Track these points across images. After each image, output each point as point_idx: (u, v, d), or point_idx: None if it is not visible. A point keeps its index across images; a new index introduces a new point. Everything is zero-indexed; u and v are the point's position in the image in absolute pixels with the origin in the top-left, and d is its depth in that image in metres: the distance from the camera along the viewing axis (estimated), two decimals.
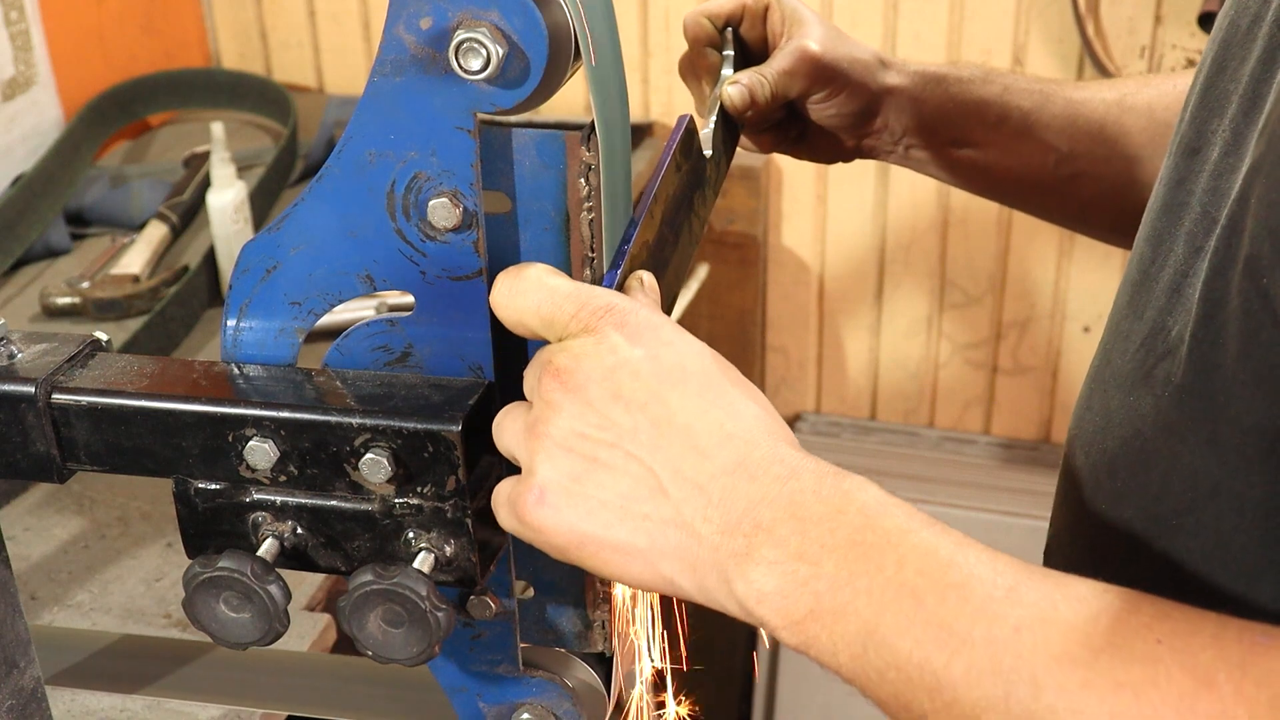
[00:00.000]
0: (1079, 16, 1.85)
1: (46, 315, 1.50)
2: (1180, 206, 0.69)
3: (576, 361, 0.59)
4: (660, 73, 2.04)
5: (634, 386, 0.59)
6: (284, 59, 2.19)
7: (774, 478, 0.57)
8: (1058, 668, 0.50)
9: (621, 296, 0.61)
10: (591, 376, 0.59)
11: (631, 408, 0.58)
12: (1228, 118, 0.66)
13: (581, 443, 0.59)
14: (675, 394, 0.59)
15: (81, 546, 1.15)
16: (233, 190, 1.55)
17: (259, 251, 0.66)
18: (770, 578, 0.56)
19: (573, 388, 0.59)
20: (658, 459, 0.58)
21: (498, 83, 0.59)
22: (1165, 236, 0.69)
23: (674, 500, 0.58)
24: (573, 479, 0.59)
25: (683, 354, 0.60)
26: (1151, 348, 0.67)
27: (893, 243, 2.08)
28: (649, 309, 0.61)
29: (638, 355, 0.59)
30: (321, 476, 0.64)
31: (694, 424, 0.58)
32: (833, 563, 0.55)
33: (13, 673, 0.72)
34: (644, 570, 0.59)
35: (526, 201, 0.66)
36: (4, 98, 1.73)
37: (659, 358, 0.59)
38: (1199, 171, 0.68)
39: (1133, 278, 0.72)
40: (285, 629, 0.66)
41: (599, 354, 0.59)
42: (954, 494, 2.05)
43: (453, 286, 0.64)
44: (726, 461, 0.58)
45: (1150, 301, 0.69)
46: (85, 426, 0.66)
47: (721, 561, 0.57)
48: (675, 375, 0.59)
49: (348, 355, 0.67)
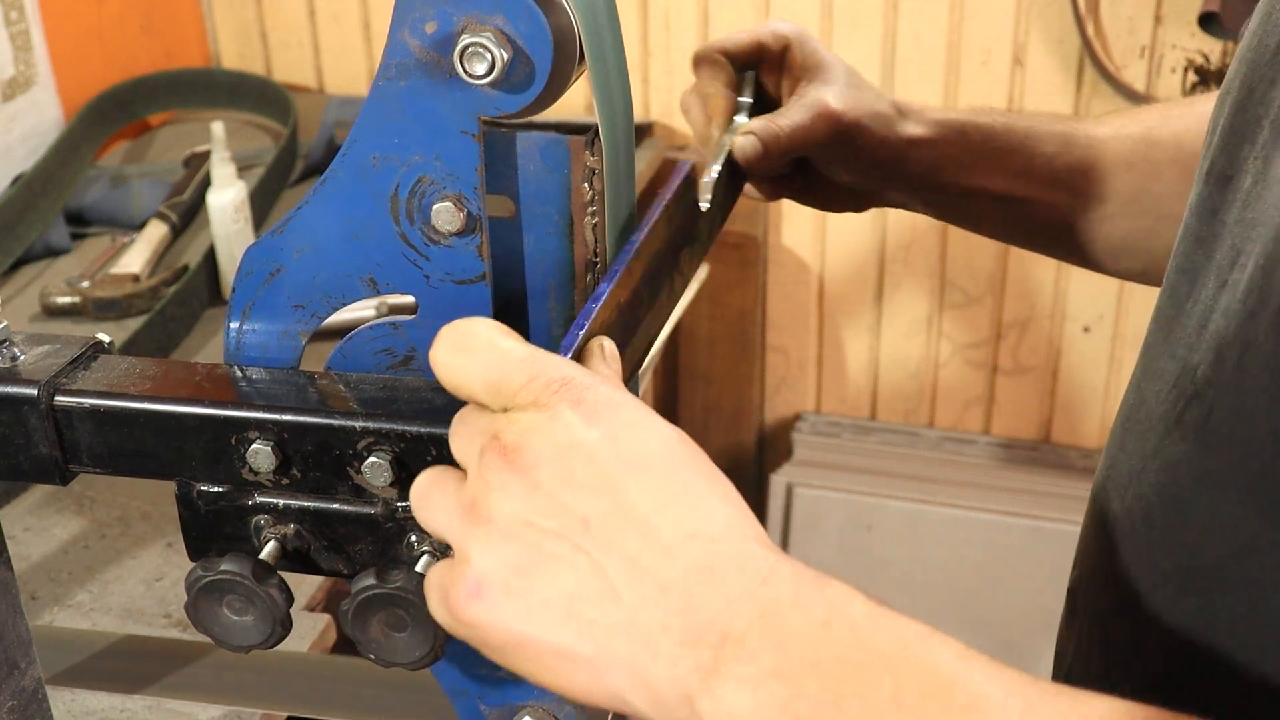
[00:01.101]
0: (1079, 16, 1.85)
1: (46, 315, 1.50)
2: (1213, 238, 0.65)
3: (525, 438, 0.52)
4: (660, 73, 2.04)
5: (588, 472, 0.51)
6: (284, 59, 2.19)
7: (746, 583, 0.50)
8: None
9: (579, 369, 0.54)
10: (542, 456, 0.52)
11: (584, 495, 0.51)
12: (1259, 144, 0.63)
13: (526, 531, 0.52)
14: (635, 483, 0.51)
15: (82, 546, 1.15)
16: (233, 190, 1.55)
17: (262, 254, 0.66)
18: (742, 696, 0.49)
19: (520, 468, 0.52)
20: (611, 556, 0.51)
21: (502, 87, 0.59)
22: (1199, 269, 0.66)
23: (627, 604, 0.50)
24: (514, 572, 0.52)
25: (645, 438, 0.53)
26: (1182, 389, 0.64)
27: (893, 243, 2.08)
28: (609, 384, 0.54)
29: (594, 437, 0.52)
30: (324, 479, 0.64)
31: (654, 518, 0.51)
32: (816, 683, 0.48)
33: (14, 673, 0.72)
34: (590, 682, 0.51)
35: (530, 205, 0.66)
36: (4, 98, 1.73)
37: (618, 440, 0.52)
38: (1231, 202, 0.64)
39: (1166, 312, 0.68)
40: (288, 632, 0.66)
41: (551, 431, 0.52)
42: (954, 494, 2.05)
43: (456, 290, 0.64)
44: (690, 562, 0.50)
45: (1182, 338, 0.65)
46: (88, 429, 0.66)
47: (682, 677, 0.49)
48: (636, 461, 0.52)
49: (350, 358, 0.67)
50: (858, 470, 2.12)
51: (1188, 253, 0.68)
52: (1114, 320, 2.03)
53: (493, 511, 0.52)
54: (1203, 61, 1.87)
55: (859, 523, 2.07)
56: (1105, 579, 0.70)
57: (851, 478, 2.10)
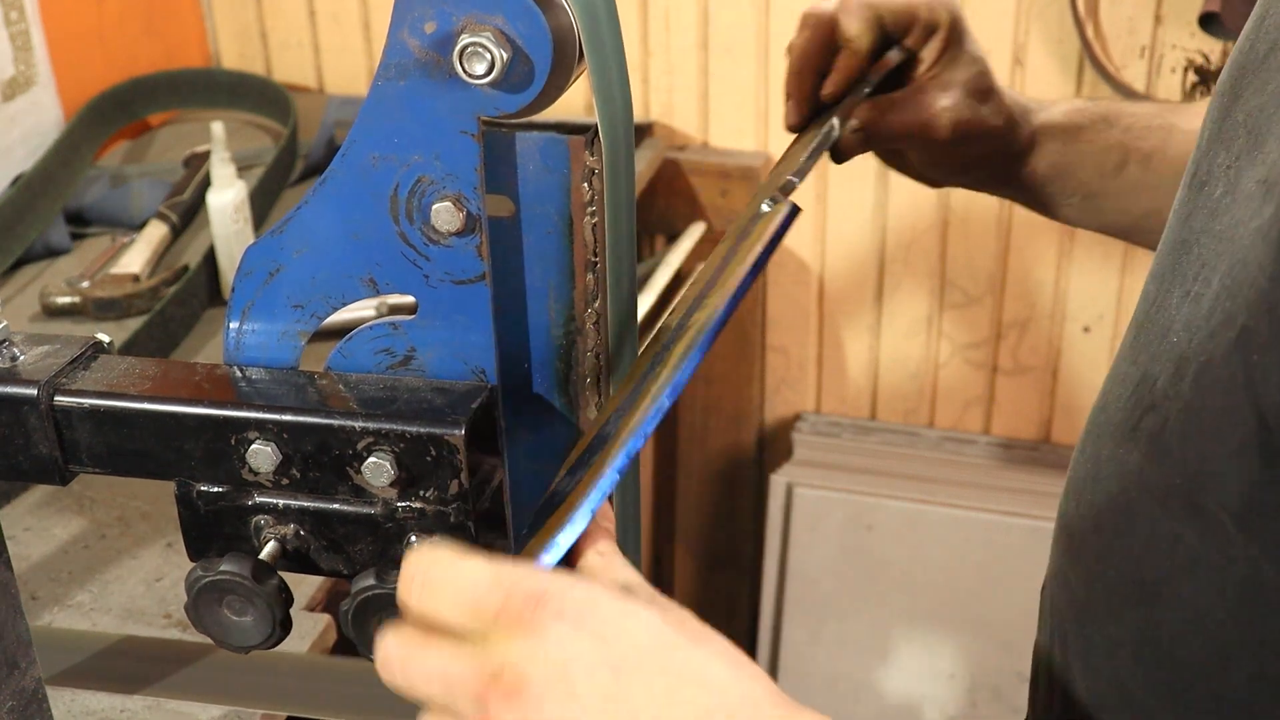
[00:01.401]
0: (1078, 17, 1.85)
1: (46, 315, 1.49)
2: (1184, 245, 0.65)
3: (524, 668, 0.52)
4: (660, 73, 2.04)
5: (590, 686, 0.52)
6: (284, 59, 2.19)
7: None
8: None
9: (548, 577, 0.54)
10: (546, 684, 0.52)
11: (590, 712, 0.52)
12: (1234, 152, 0.63)
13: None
14: (638, 685, 0.52)
15: (81, 546, 1.15)
16: (233, 190, 1.55)
17: (262, 254, 0.66)
18: None
19: (528, 701, 0.52)
20: None
21: (502, 87, 0.59)
22: (1167, 275, 0.66)
23: None
24: None
25: (631, 630, 0.53)
26: (1140, 398, 0.64)
27: (893, 243, 2.08)
28: (581, 585, 0.54)
29: (586, 648, 0.52)
30: (324, 480, 0.64)
31: (664, 715, 0.52)
32: None
33: (14, 673, 0.72)
34: None
35: (530, 205, 0.66)
36: (4, 98, 1.73)
37: (607, 642, 0.52)
38: (1202, 208, 0.65)
39: (1138, 317, 0.68)
40: (288, 632, 0.66)
41: (545, 655, 0.52)
42: (954, 494, 2.05)
43: (456, 290, 0.64)
44: None
45: (1146, 345, 0.66)
46: (88, 429, 0.66)
47: None
48: (631, 660, 0.52)
49: (350, 358, 0.67)
50: (858, 470, 2.12)
51: (1162, 258, 0.68)
52: (1114, 320, 2.02)
53: None
54: (1203, 62, 1.87)
55: (859, 523, 2.07)
56: (1064, 581, 0.71)
57: (851, 478, 2.10)
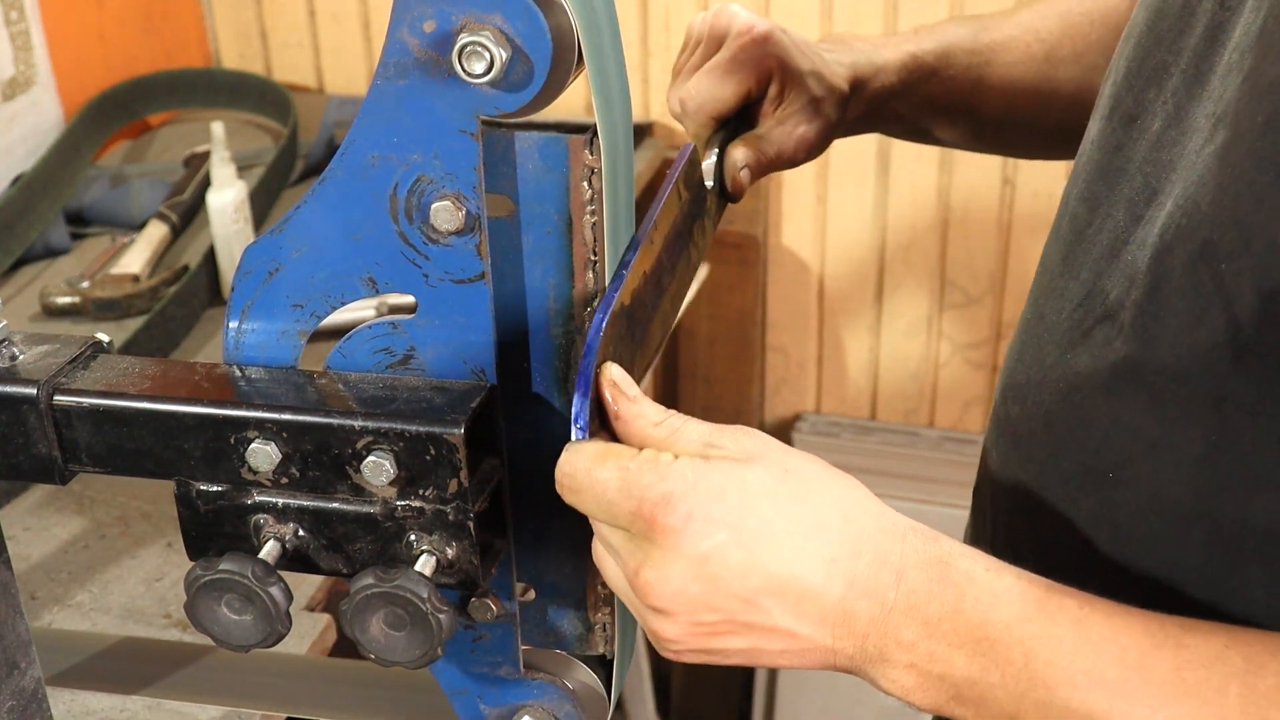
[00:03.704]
0: None
1: (46, 315, 1.49)
2: (1118, 172, 0.71)
3: (662, 572, 0.60)
4: (660, 73, 2.04)
5: (725, 569, 0.59)
6: (284, 59, 2.19)
7: (885, 586, 0.60)
8: None
9: (670, 478, 0.60)
10: (684, 579, 0.59)
11: (735, 586, 0.59)
12: (1168, 90, 0.69)
13: (697, 630, 0.61)
14: (768, 551, 0.59)
15: (81, 546, 1.15)
16: (233, 190, 1.55)
17: (261, 254, 0.66)
18: (909, 676, 0.60)
19: (673, 596, 0.60)
20: (775, 616, 0.60)
21: (501, 86, 0.59)
22: (1101, 200, 0.72)
23: (804, 637, 0.61)
24: (703, 651, 0.62)
25: (747, 492, 0.60)
26: (1089, 308, 0.70)
27: (893, 243, 2.08)
28: (690, 467, 0.60)
29: (721, 538, 0.59)
30: (323, 479, 0.64)
31: (795, 569, 0.59)
32: (964, 659, 0.59)
33: (14, 673, 0.72)
34: (786, 665, 0.63)
35: (529, 204, 0.66)
36: (4, 98, 1.73)
37: (737, 528, 0.59)
38: (1136, 140, 0.71)
39: (1066, 236, 0.76)
40: (287, 631, 0.66)
41: (681, 556, 0.59)
42: (954, 494, 2.05)
43: (455, 289, 0.64)
44: (838, 588, 0.60)
45: (1085, 263, 0.72)
46: (87, 428, 0.66)
47: (862, 666, 0.61)
48: (758, 528, 0.59)
49: (350, 357, 0.67)
50: (858, 470, 2.08)
51: (1090, 183, 0.74)
52: None
53: (662, 632, 0.61)
54: None
55: None
56: (1007, 481, 0.76)
57: None
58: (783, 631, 0.60)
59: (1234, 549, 0.63)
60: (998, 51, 1.01)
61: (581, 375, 0.62)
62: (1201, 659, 0.57)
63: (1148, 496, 0.66)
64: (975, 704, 0.60)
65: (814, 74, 0.95)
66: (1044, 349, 0.74)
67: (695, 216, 0.81)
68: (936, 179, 2.01)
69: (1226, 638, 0.58)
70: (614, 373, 0.63)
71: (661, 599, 0.60)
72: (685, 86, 0.94)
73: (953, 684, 0.60)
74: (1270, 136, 0.58)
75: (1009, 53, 1.01)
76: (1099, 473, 0.69)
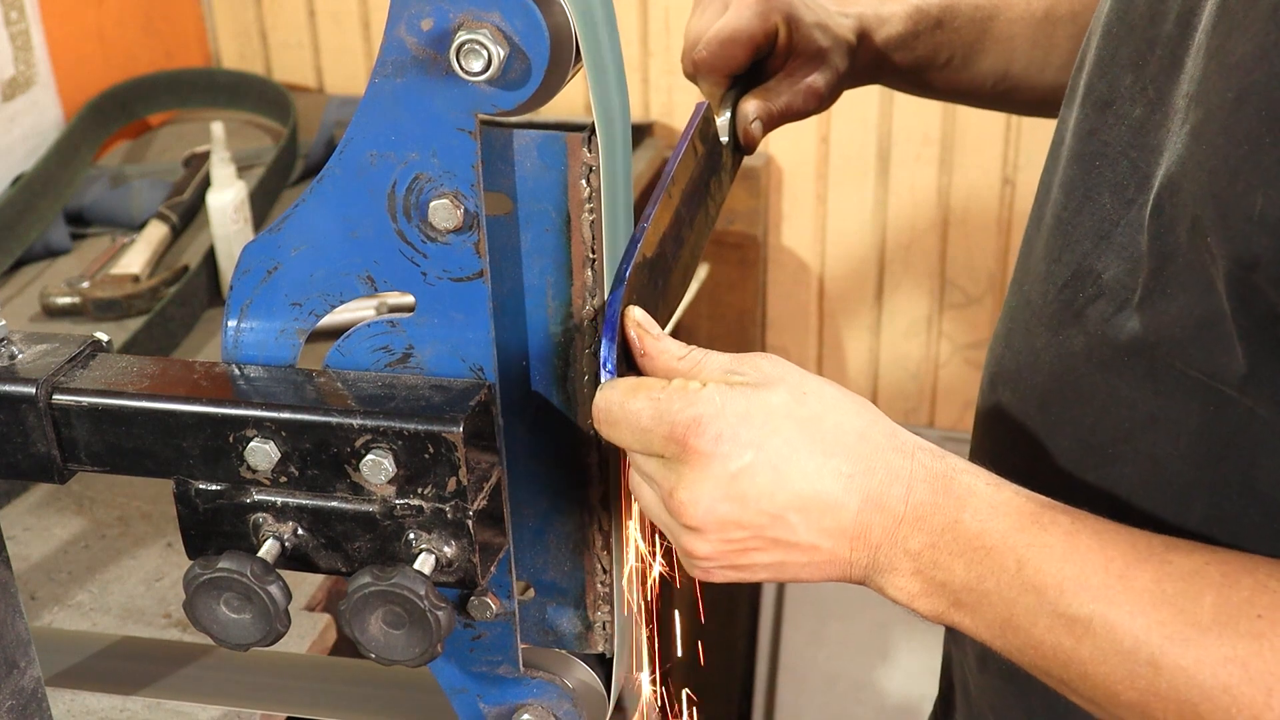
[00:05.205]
0: None
1: (46, 315, 1.50)
2: (1097, 156, 0.74)
3: (694, 492, 0.64)
4: (660, 73, 2.04)
5: (753, 487, 0.63)
6: (284, 59, 2.19)
7: (896, 500, 0.64)
8: (1172, 648, 0.58)
9: (697, 400, 0.63)
10: (715, 498, 0.63)
11: (764, 504, 0.64)
12: (1147, 76, 0.71)
13: (728, 547, 0.65)
14: (792, 469, 0.63)
15: (81, 546, 1.15)
16: (233, 190, 1.55)
17: (260, 252, 0.66)
18: (915, 583, 0.64)
19: (705, 514, 0.64)
20: (800, 531, 0.64)
21: (499, 84, 0.59)
22: (1080, 184, 0.74)
23: (825, 549, 0.65)
24: (732, 568, 0.66)
25: (770, 414, 0.64)
26: (1080, 289, 0.73)
27: (893, 243, 2.08)
28: (716, 392, 0.64)
29: (748, 458, 0.63)
30: (322, 477, 0.64)
31: (817, 485, 0.64)
32: (962, 566, 0.63)
33: (13, 673, 0.72)
34: (807, 579, 0.68)
35: (527, 202, 0.66)
36: (4, 98, 1.73)
37: (762, 447, 0.63)
38: (1114, 125, 0.73)
39: (1048, 223, 0.78)
40: (286, 630, 0.66)
41: (712, 477, 0.63)
42: None
43: (454, 288, 0.64)
44: (855, 502, 0.64)
45: (1071, 246, 0.74)
46: (86, 427, 0.66)
47: (872, 575, 0.66)
48: (782, 449, 0.63)
49: (348, 356, 0.67)
50: None
51: (1068, 169, 0.76)
52: None
53: (695, 550, 0.65)
54: None
55: None
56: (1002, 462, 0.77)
57: None
58: (806, 546, 0.65)
59: (1234, 519, 0.65)
60: (1000, 7, 1.04)
61: (608, 323, 0.65)
62: (1181, 572, 0.60)
63: (1146, 470, 0.69)
64: (972, 610, 0.63)
65: (820, 26, 0.96)
66: (1033, 333, 0.77)
67: (712, 171, 0.84)
68: (936, 179, 2.01)
69: (1207, 555, 0.61)
70: (637, 314, 0.66)
71: (695, 518, 0.64)
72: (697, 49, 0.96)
73: (952, 590, 0.63)
74: (1241, 111, 0.60)
75: (1011, 9, 1.03)
76: (1097, 449, 0.71)
